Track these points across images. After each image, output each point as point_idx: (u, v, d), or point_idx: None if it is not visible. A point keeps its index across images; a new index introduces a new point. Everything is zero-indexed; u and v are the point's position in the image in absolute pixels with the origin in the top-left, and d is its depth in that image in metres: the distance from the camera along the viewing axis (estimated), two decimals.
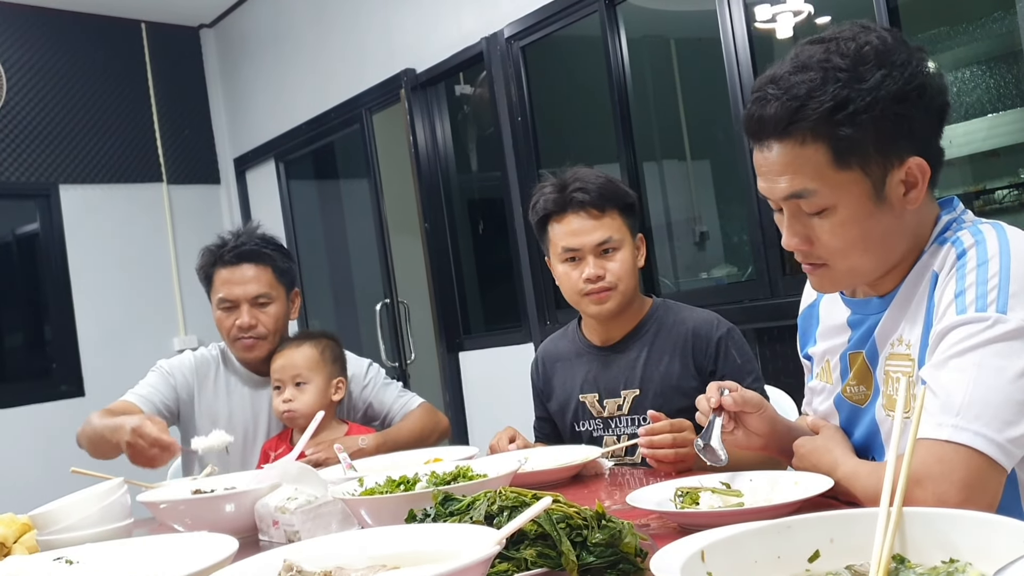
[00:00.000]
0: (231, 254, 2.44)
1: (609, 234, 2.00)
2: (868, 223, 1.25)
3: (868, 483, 1.23)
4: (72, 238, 5.43)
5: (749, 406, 1.41)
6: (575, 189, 2.00)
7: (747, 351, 2.02)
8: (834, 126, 1.20)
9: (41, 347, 5.58)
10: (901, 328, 1.29)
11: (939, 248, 1.26)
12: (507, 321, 4.51)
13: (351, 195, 5.92)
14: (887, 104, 1.20)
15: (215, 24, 6.15)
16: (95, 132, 5.57)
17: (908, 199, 1.25)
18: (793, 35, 3.65)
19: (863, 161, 1.22)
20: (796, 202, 1.26)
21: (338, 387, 2.33)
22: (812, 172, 1.23)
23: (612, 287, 2.00)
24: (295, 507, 1.46)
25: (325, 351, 2.35)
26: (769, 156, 1.26)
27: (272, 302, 2.45)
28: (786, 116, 1.22)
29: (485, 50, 4.27)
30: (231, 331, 2.44)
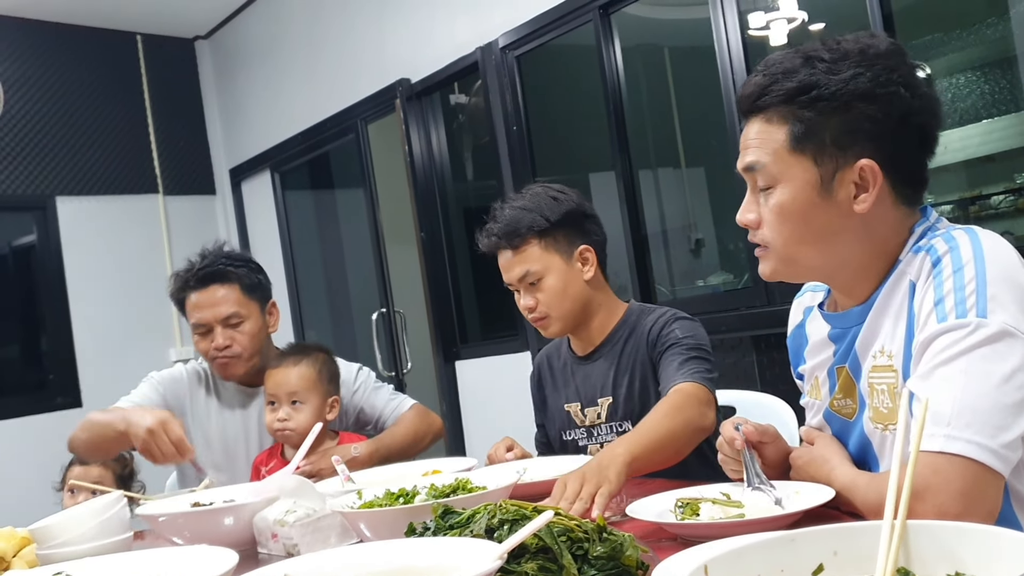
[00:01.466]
0: (195, 278, 2.42)
1: (526, 267, 2.02)
2: (809, 212, 1.27)
3: (868, 494, 1.22)
4: (69, 250, 5.42)
5: (766, 436, 1.42)
6: (487, 233, 2.07)
7: (696, 332, 1.96)
8: (796, 108, 1.26)
9: (38, 359, 5.57)
10: (881, 339, 1.28)
11: (914, 257, 1.26)
12: (504, 330, 4.50)
13: (347, 205, 5.92)
14: (852, 99, 1.24)
15: (210, 36, 6.15)
16: (91, 144, 5.57)
17: (858, 201, 1.26)
18: (787, 42, 3.65)
19: (817, 150, 1.26)
20: (752, 175, 1.31)
21: (332, 406, 2.31)
22: (768, 148, 1.28)
23: (544, 316, 2.03)
24: (294, 520, 1.45)
25: (322, 370, 2.32)
26: (747, 131, 1.33)
27: (244, 320, 2.43)
28: (758, 91, 1.29)
29: (480, 59, 4.27)
30: (208, 353, 2.43)
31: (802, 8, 3.67)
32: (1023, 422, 1.10)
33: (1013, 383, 1.10)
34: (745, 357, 3.25)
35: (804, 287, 1.57)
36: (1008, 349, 1.11)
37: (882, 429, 1.28)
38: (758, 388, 2.26)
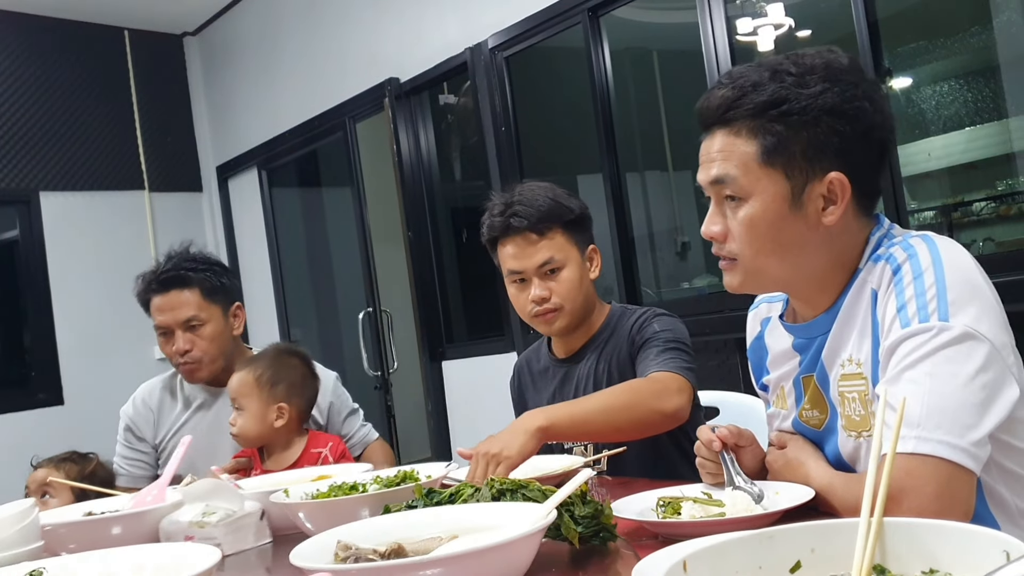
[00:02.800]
0: (156, 281, 2.45)
1: (550, 255, 1.99)
2: (779, 225, 1.28)
3: (845, 495, 1.24)
4: (52, 245, 5.40)
5: (743, 439, 1.42)
6: (512, 214, 2.01)
7: (674, 327, 1.98)
8: (767, 121, 1.27)
9: (20, 355, 5.54)
10: (849, 348, 1.30)
11: (874, 266, 1.28)
12: (490, 331, 4.51)
13: (334, 203, 5.91)
14: (821, 114, 1.25)
15: (199, 32, 6.14)
16: (77, 139, 5.55)
17: (826, 213, 1.28)
18: (774, 48, 3.68)
19: (787, 164, 1.27)
20: (719, 187, 1.31)
21: (280, 413, 2.23)
22: (738, 160, 1.29)
23: (557, 308, 2.01)
24: (217, 520, 1.46)
25: (261, 376, 2.24)
26: (710, 143, 1.33)
27: (205, 323, 2.44)
28: (726, 104, 1.29)
29: (469, 60, 4.28)
30: (172, 357, 2.47)
31: (789, 15, 3.70)
32: (990, 420, 1.12)
33: (978, 382, 1.12)
34: (729, 359, 3.27)
35: (758, 299, 1.59)
36: (971, 350, 1.14)
37: (856, 436, 1.30)
38: (741, 390, 2.27)
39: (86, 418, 4.98)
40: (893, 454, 0.85)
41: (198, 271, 2.46)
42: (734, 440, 1.41)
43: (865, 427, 1.28)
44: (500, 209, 2.04)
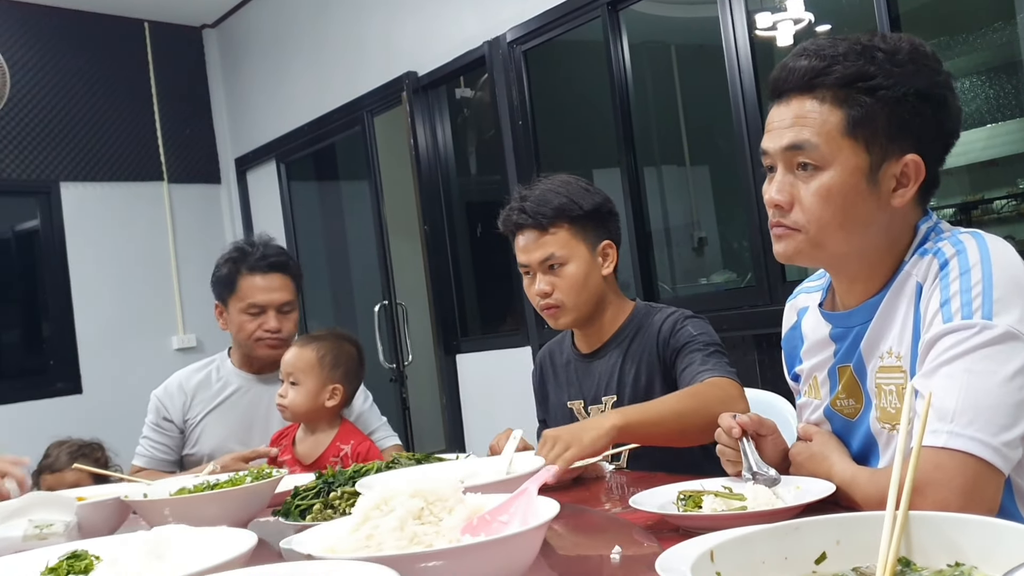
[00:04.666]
0: (263, 263, 2.58)
1: (551, 251, 2.01)
2: (853, 199, 1.27)
3: (868, 489, 1.24)
4: (72, 236, 5.44)
5: (764, 428, 1.41)
6: (519, 209, 2.04)
7: (708, 330, 1.99)
8: (855, 92, 1.25)
9: (39, 344, 5.58)
10: (889, 340, 1.29)
11: (920, 259, 1.28)
12: (505, 325, 4.52)
13: (351, 197, 5.93)
14: (909, 94, 1.25)
15: (217, 24, 6.16)
16: (97, 130, 5.58)
17: (896, 195, 1.28)
18: (793, 43, 3.66)
19: (870, 138, 1.26)
20: (793, 155, 1.29)
21: (333, 393, 2.30)
22: (819, 128, 1.27)
23: (559, 304, 2.02)
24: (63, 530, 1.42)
25: (325, 356, 2.33)
26: (785, 110, 1.31)
27: (294, 310, 2.62)
28: (813, 71, 1.27)
29: (487, 54, 4.28)
30: (255, 333, 2.55)
31: (808, 9, 3.68)
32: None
33: (1016, 383, 1.12)
34: (747, 356, 3.27)
35: (796, 289, 1.58)
36: (1012, 351, 1.13)
37: (889, 429, 1.29)
38: (759, 386, 2.27)
39: (104, 407, 5.03)
40: (919, 446, 0.85)
41: (293, 262, 2.66)
42: (755, 428, 1.40)
43: (899, 420, 1.27)
44: (514, 203, 2.08)
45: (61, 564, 1.02)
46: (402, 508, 0.98)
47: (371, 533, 0.96)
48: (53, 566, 1.03)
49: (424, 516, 0.98)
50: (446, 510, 1.00)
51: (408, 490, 1.00)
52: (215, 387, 2.63)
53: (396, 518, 0.97)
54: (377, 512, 0.99)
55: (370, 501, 1.01)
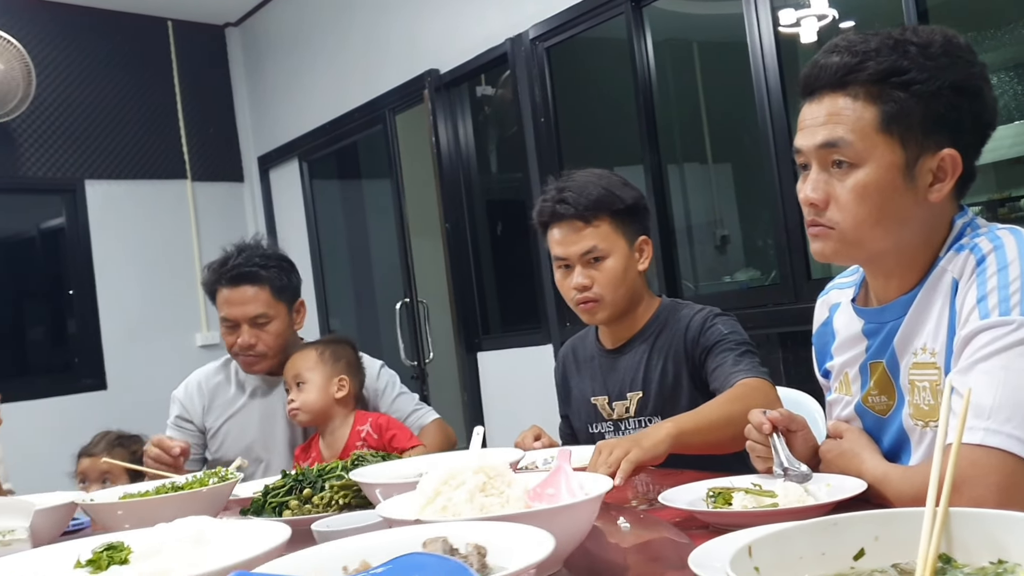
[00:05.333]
0: (229, 275, 2.48)
1: (594, 243, 1.99)
2: (889, 195, 1.26)
3: (901, 487, 1.23)
4: (97, 233, 5.48)
5: (794, 424, 1.41)
6: (560, 199, 2.00)
7: (738, 328, 1.98)
8: (888, 88, 1.24)
9: (64, 341, 5.63)
10: (923, 336, 1.28)
11: (956, 255, 1.27)
12: (526, 322, 4.52)
13: (373, 195, 5.95)
14: (944, 87, 1.24)
15: (240, 23, 6.19)
16: (121, 128, 5.62)
17: (932, 190, 1.27)
18: (817, 39, 3.64)
19: (905, 133, 1.25)
20: (828, 152, 1.28)
21: (341, 385, 2.35)
22: (854, 125, 1.26)
23: (598, 298, 2.00)
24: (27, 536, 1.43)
25: (324, 352, 2.38)
26: (818, 108, 1.29)
27: (271, 320, 2.49)
28: (845, 67, 1.26)
29: (509, 51, 4.28)
30: (233, 348, 2.51)
31: (833, 5, 3.66)
32: None
33: None
34: (771, 354, 3.25)
35: (828, 285, 1.57)
36: None
37: (922, 426, 1.29)
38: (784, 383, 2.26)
39: (129, 403, 5.06)
40: (958, 445, 0.84)
41: (268, 268, 2.51)
42: (785, 424, 1.39)
43: (933, 417, 1.26)
44: (551, 194, 2.04)
45: (100, 556, 1.03)
46: (471, 482, 1.10)
47: (445, 504, 1.09)
48: (92, 558, 1.04)
49: (487, 489, 1.11)
50: (505, 484, 1.12)
51: (472, 466, 1.13)
52: (233, 390, 2.61)
53: (466, 491, 1.09)
54: (447, 487, 1.11)
55: (438, 477, 1.13)
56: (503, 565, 0.87)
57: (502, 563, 0.87)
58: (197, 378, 2.64)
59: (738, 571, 0.71)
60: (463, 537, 0.92)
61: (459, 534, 0.92)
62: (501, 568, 0.86)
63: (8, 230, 5.38)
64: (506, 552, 0.89)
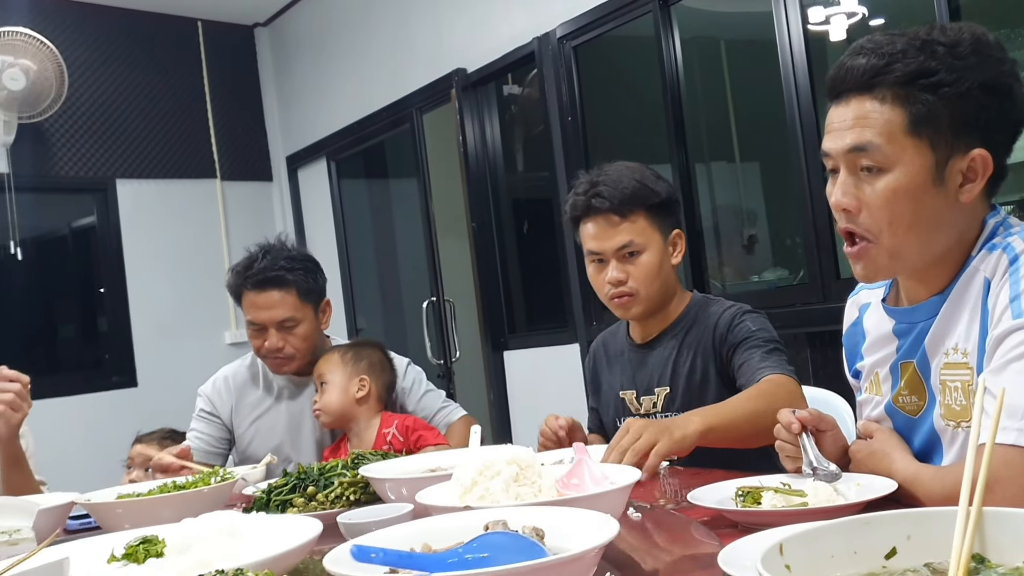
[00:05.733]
0: (255, 279, 2.45)
1: (630, 238, 1.97)
2: (920, 199, 1.24)
3: (932, 487, 1.22)
4: (128, 232, 5.53)
5: (823, 424, 1.40)
6: (595, 194, 1.98)
7: (767, 326, 1.96)
8: (916, 90, 1.23)
9: (95, 338, 5.70)
10: (955, 336, 1.27)
11: (988, 254, 1.26)
12: (552, 322, 4.51)
13: (400, 194, 5.97)
14: (973, 87, 1.22)
15: (269, 23, 6.23)
16: (152, 128, 5.68)
17: (963, 191, 1.25)
18: (847, 37, 3.62)
19: (934, 135, 1.23)
20: (856, 157, 1.26)
21: (361, 385, 2.36)
22: (882, 129, 1.24)
23: (633, 293, 1.99)
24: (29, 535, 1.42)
25: (346, 354, 2.41)
26: (845, 111, 1.28)
27: (299, 323, 2.47)
28: (872, 70, 1.25)
29: (537, 50, 4.28)
30: (261, 350, 2.50)
31: (863, 3, 3.63)
32: None
33: None
34: (799, 354, 3.23)
35: (860, 285, 1.56)
36: None
37: (954, 426, 1.28)
38: (812, 385, 2.25)
39: (158, 400, 5.11)
40: (992, 445, 0.84)
41: (294, 271, 2.47)
42: (814, 423, 1.39)
43: (965, 417, 1.25)
44: (584, 188, 2.02)
45: (136, 549, 1.04)
46: (506, 472, 1.18)
47: (483, 494, 1.16)
48: (128, 551, 1.05)
49: (520, 479, 1.18)
50: (536, 474, 1.20)
51: (505, 457, 1.21)
52: (261, 391, 2.60)
53: (502, 480, 1.17)
54: (483, 477, 1.19)
55: (474, 468, 1.21)
56: (563, 546, 0.92)
57: (560, 544, 0.93)
58: (224, 375, 2.63)
59: (769, 569, 0.71)
60: (520, 521, 0.98)
61: (516, 518, 0.99)
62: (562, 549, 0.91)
63: (41, 229, 5.44)
64: (562, 534, 0.95)
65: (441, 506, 1.14)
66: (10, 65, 4.85)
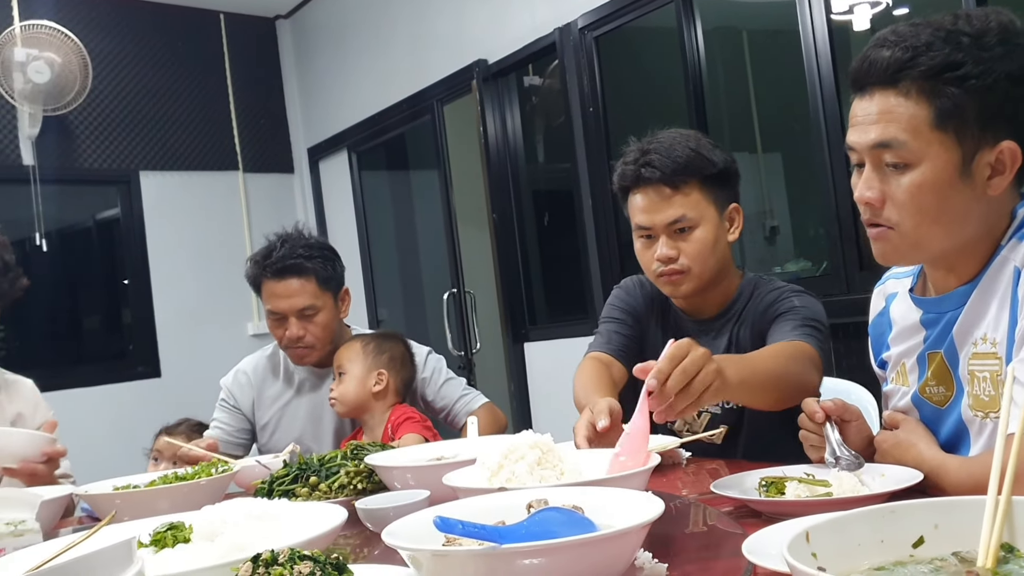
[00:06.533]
0: (274, 268, 2.45)
1: (682, 212, 1.82)
2: (946, 193, 1.23)
3: (959, 476, 1.22)
4: (151, 224, 5.58)
5: (848, 413, 1.39)
6: (645, 163, 1.82)
7: (812, 305, 1.83)
8: (942, 84, 1.20)
9: (119, 329, 5.75)
10: (984, 326, 1.26)
11: (1019, 244, 1.24)
12: (573, 313, 4.51)
13: (421, 186, 5.98)
14: (1000, 79, 1.20)
15: (291, 15, 6.25)
16: (175, 120, 5.71)
17: (991, 184, 1.23)
18: (870, 27, 3.58)
19: (960, 129, 1.21)
20: (881, 152, 1.25)
21: (379, 379, 2.34)
22: (907, 124, 1.23)
23: (685, 270, 1.84)
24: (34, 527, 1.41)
25: (368, 345, 2.39)
26: (869, 105, 1.26)
27: (319, 311, 2.46)
28: (896, 64, 1.22)
29: (558, 41, 4.27)
30: (282, 340, 2.50)
31: None
32: None
33: None
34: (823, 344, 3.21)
35: (885, 275, 1.55)
36: None
37: (982, 416, 1.27)
38: (834, 375, 2.24)
39: (182, 390, 5.15)
40: (1022, 432, 0.83)
41: (312, 259, 2.47)
42: (839, 413, 1.38)
43: (993, 408, 1.24)
44: (634, 156, 1.86)
45: (163, 535, 1.05)
46: (529, 456, 1.23)
47: (509, 476, 1.21)
48: (155, 537, 1.07)
49: (543, 462, 1.23)
50: (558, 458, 1.26)
51: (528, 442, 1.26)
52: (281, 383, 2.61)
53: (527, 464, 1.22)
54: (508, 460, 1.24)
55: (499, 452, 1.26)
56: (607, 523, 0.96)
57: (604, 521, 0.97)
58: (245, 368, 2.64)
59: (796, 556, 0.71)
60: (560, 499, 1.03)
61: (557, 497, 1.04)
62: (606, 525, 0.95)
63: (66, 220, 5.49)
64: (605, 512, 1.00)
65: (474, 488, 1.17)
66: (35, 58, 4.89)
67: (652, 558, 1.01)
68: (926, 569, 0.76)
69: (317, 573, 0.78)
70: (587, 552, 0.85)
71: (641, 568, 1.00)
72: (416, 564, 0.87)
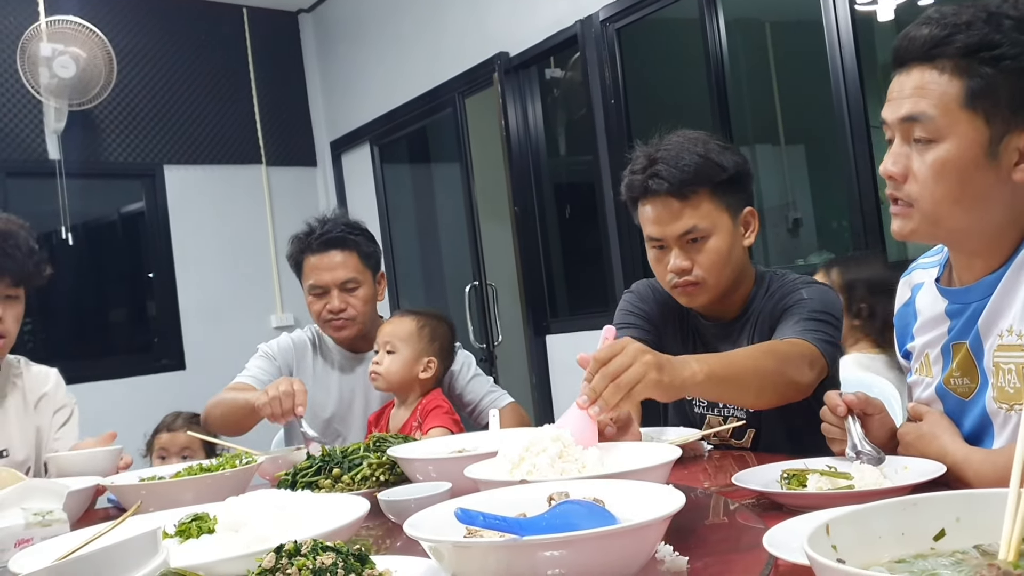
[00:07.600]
0: (318, 241, 2.51)
1: (693, 223, 1.77)
2: (970, 172, 1.22)
3: (983, 469, 1.21)
4: (175, 217, 5.62)
5: (870, 407, 1.39)
6: (652, 173, 1.76)
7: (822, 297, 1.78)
8: (976, 63, 1.20)
9: (144, 322, 5.80)
10: (1010, 317, 1.25)
11: None
12: (594, 306, 4.51)
13: (442, 179, 5.99)
14: None
15: (313, 9, 6.27)
16: (198, 114, 5.75)
17: (1018, 169, 1.22)
18: (895, 18, 3.55)
19: (991, 110, 1.21)
20: (910, 126, 1.25)
21: (428, 366, 2.32)
22: (938, 100, 1.23)
23: (700, 281, 1.80)
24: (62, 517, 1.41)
25: (424, 328, 2.35)
26: (905, 80, 1.27)
27: (360, 286, 2.52)
28: (933, 40, 1.23)
29: (579, 33, 4.26)
30: (322, 314, 2.52)
31: None
32: None
33: None
34: None
35: (912, 265, 1.54)
36: None
37: (1007, 409, 1.26)
38: None
39: (205, 382, 5.16)
40: None
41: (356, 234, 2.55)
42: (861, 407, 1.37)
43: (1019, 400, 1.23)
44: (642, 165, 1.81)
45: (188, 526, 1.07)
46: (551, 449, 1.24)
47: (531, 469, 1.22)
48: (180, 528, 1.08)
49: (564, 456, 1.24)
50: (579, 451, 1.27)
51: (550, 435, 1.27)
52: (321, 361, 2.61)
53: (548, 456, 1.23)
54: (529, 453, 1.25)
55: (520, 444, 1.27)
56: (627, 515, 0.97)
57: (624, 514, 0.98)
58: (287, 337, 2.65)
59: (816, 549, 0.71)
60: (581, 492, 1.05)
61: (579, 489, 1.06)
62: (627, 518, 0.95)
63: (91, 214, 5.54)
64: (625, 505, 1.01)
65: (496, 480, 1.18)
66: (60, 53, 4.93)
67: (673, 551, 1.01)
68: (947, 562, 0.76)
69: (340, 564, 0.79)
70: (608, 545, 0.85)
71: (662, 561, 1.00)
72: (437, 555, 0.88)
